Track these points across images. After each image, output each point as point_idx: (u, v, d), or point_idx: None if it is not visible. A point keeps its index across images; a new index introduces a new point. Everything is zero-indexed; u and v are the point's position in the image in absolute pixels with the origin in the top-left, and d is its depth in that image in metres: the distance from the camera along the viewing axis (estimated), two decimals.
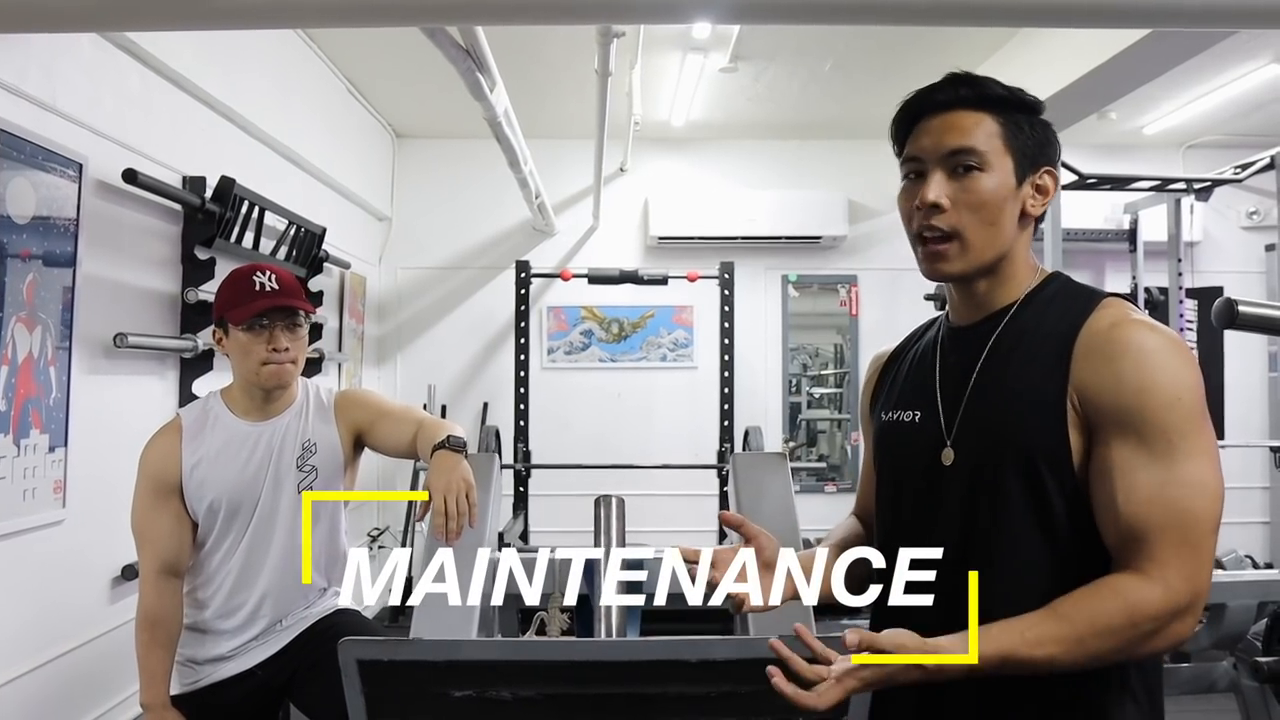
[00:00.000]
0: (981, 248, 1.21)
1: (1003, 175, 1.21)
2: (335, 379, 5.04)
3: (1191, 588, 1.08)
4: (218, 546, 2.09)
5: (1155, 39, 3.37)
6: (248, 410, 2.13)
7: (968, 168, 1.20)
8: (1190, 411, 1.11)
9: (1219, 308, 1.79)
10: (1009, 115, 1.22)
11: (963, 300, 1.29)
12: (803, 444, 6.44)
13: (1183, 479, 1.09)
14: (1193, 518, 1.09)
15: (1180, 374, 1.12)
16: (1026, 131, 1.22)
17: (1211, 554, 1.11)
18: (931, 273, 1.24)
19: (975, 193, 1.20)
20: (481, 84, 2.98)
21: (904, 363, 1.39)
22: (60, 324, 2.54)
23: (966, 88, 1.23)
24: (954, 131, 1.21)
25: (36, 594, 2.50)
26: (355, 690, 1.21)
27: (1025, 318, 1.23)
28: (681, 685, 1.20)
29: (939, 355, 1.31)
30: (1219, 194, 5.64)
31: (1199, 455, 1.10)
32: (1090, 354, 1.14)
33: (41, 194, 2.44)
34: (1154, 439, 1.10)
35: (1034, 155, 1.23)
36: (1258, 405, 5.97)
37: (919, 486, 1.27)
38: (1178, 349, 1.14)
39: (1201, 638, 2.43)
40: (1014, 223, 1.23)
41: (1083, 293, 1.24)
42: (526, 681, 1.20)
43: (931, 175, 1.21)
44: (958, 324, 1.30)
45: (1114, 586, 1.10)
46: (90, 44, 2.69)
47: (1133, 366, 1.11)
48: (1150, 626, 1.08)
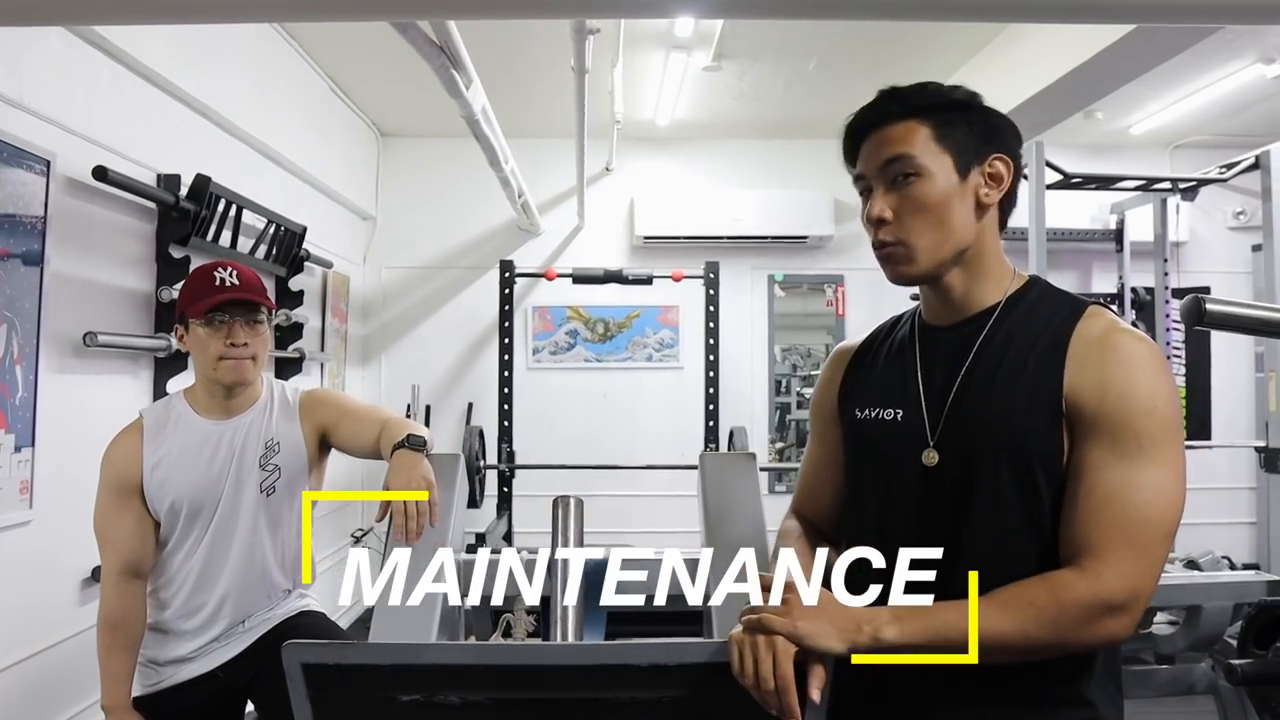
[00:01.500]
0: (932, 248, 1.24)
1: (942, 175, 1.23)
2: (318, 379, 5.01)
3: (1128, 585, 1.11)
4: (179, 546, 2.06)
5: (1138, 36, 3.35)
6: (210, 409, 2.10)
7: (905, 175, 1.24)
8: (1164, 421, 1.14)
9: (1186, 305, 1.79)
10: (939, 116, 1.25)
11: (938, 299, 1.30)
12: (791, 444, 6.42)
13: (1144, 482, 1.12)
14: (1143, 520, 1.12)
15: (1160, 385, 1.16)
16: (963, 126, 1.25)
17: (1159, 559, 1.13)
18: (894, 278, 1.29)
19: (914, 199, 1.24)
20: (457, 81, 2.96)
21: (876, 358, 1.39)
22: (28, 322, 2.51)
23: (894, 101, 1.27)
24: (887, 144, 1.25)
25: (3, 596, 2.47)
26: (300, 694, 1.18)
27: (1010, 322, 1.25)
28: (633, 690, 1.17)
29: (919, 354, 1.31)
30: (1205, 194, 5.64)
31: (1165, 464, 1.13)
32: (1083, 359, 1.17)
33: (7, 190, 2.41)
34: (1125, 442, 1.13)
35: (977, 146, 1.25)
36: (1244, 406, 5.97)
37: (901, 486, 1.27)
38: (1161, 360, 1.19)
39: (1178, 639, 2.42)
40: (968, 217, 1.25)
41: (1066, 299, 1.27)
42: (474, 686, 1.18)
43: (875, 191, 1.26)
44: (935, 323, 1.31)
45: (1046, 575, 1.14)
46: (59, 38, 2.66)
47: (1121, 372, 1.15)
48: (1077, 613, 1.10)
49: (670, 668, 1.16)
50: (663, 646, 1.16)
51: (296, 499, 2.15)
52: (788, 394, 6.43)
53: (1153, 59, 3.71)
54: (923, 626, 1.12)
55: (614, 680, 1.17)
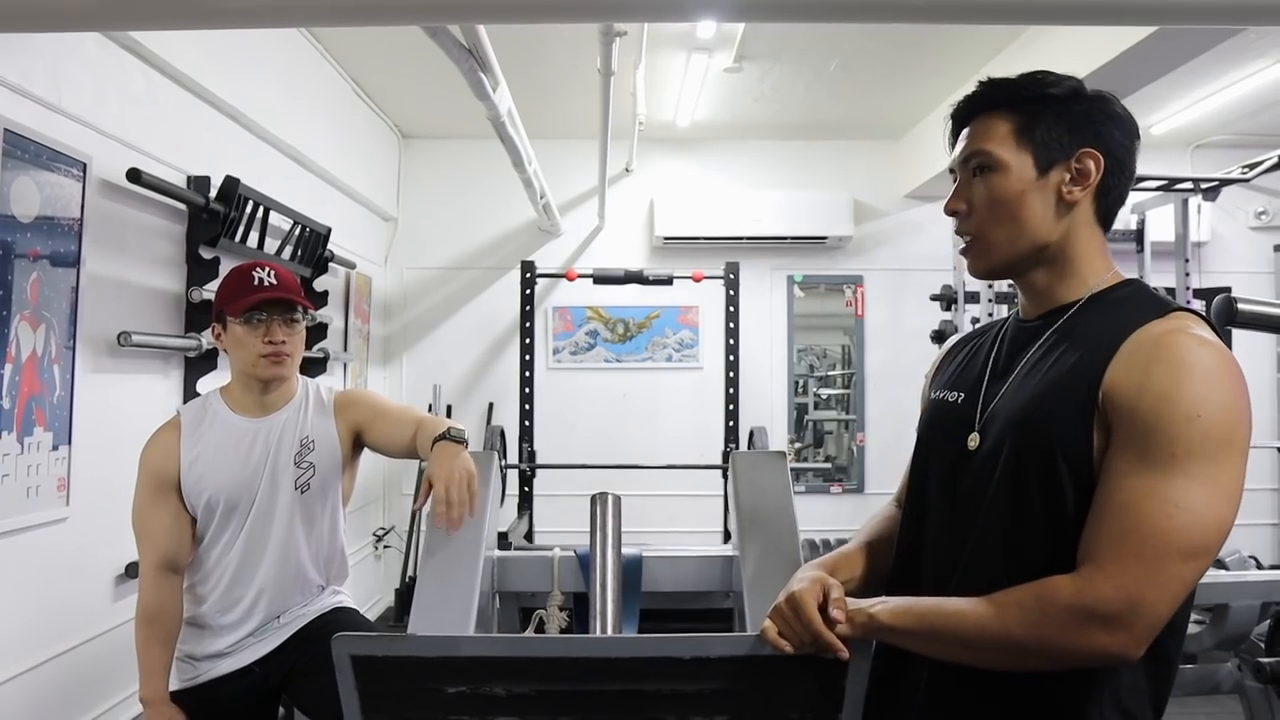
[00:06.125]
0: (1005, 244, 1.24)
1: (1019, 170, 1.22)
2: (341, 379, 5.05)
3: (1123, 597, 1.03)
4: (215, 541, 2.10)
5: (1160, 37, 3.35)
6: (246, 407, 2.14)
7: (981, 169, 1.24)
8: (1207, 433, 1.05)
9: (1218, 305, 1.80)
10: (1027, 109, 1.23)
11: (1025, 294, 1.30)
12: (809, 445, 6.43)
13: (1169, 495, 1.04)
14: (1157, 531, 1.04)
15: (1211, 394, 1.06)
16: (1050, 120, 1.22)
17: (1173, 577, 1.04)
18: (971, 270, 1.31)
19: (987, 192, 1.24)
20: (484, 83, 2.98)
21: (967, 347, 1.40)
22: (65, 322, 2.55)
23: (986, 92, 1.26)
24: (971, 138, 1.26)
25: (40, 591, 2.51)
26: (349, 686, 1.21)
27: (1086, 316, 1.21)
28: (675, 682, 1.19)
29: (998, 344, 1.31)
30: (1227, 194, 5.60)
31: (1202, 480, 1.04)
32: (1131, 356, 1.11)
33: (46, 193, 2.45)
34: (1157, 450, 1.05)
35: (1063, 141, 1.21)
36: (1266, 406, 5.94)
37: (944, 469, 1.28)
38: (1222, 371, 1.08)
39: (1204, 638, 2.42)
40: (1046, 214, 1.22)
41: (1155, 301, 1.20)
42: (519, 678, 1.20)
43: (957, 184, 1.28)
44: (1023, 316, 1.31)
45: (1043, 579, 1.09)
46: (95, 44, 2.70)
47: (1165, 374, 1.07)
48: (1060, 617, 1.05)
49: (712, 660, 1.18)
50: (705, 640, 1.18)
51: (330, 496, 2.18)
52: (805, 394, 6.44)
53: (1174, 60, 3.70)
54: (915, 615, 1.14)
55: (657, 672, 1.19)
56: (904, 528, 1.35)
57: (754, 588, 1.72)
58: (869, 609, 1.16)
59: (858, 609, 1.16)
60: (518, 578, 1.96)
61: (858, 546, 1.39)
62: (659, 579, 1.94)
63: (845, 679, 1.17)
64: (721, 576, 2.00)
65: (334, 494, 2.19)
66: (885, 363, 6.17)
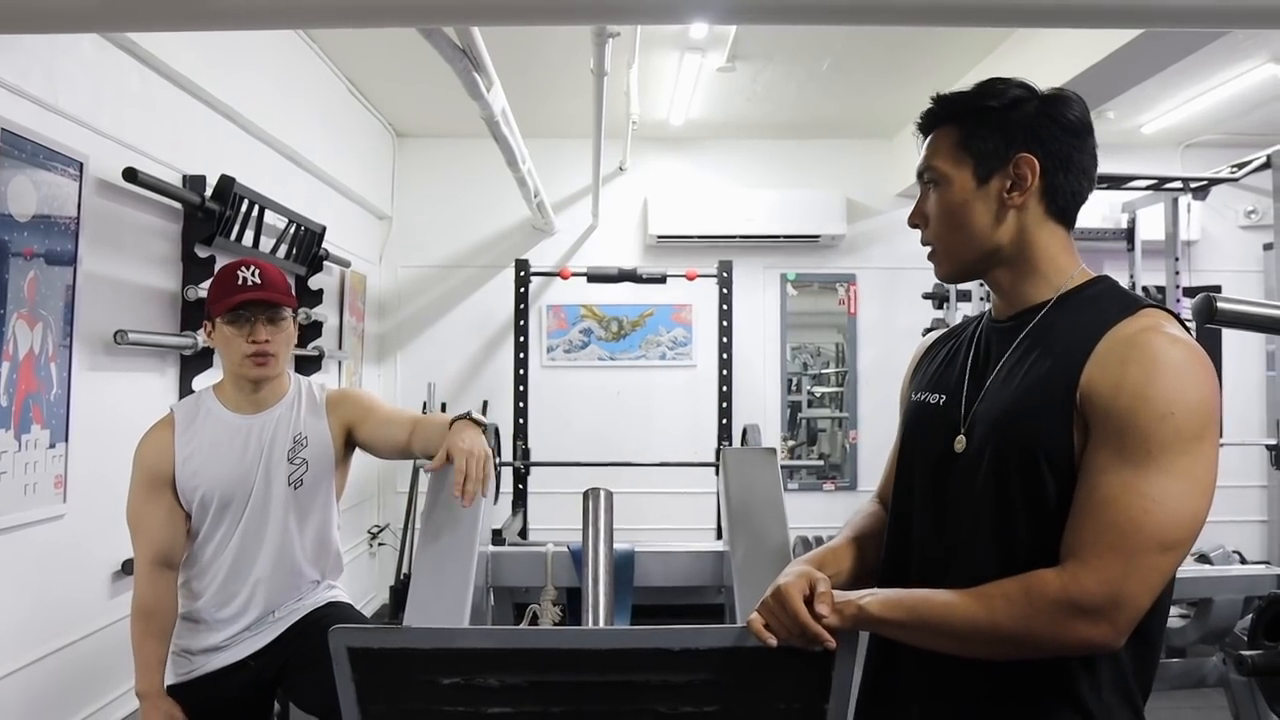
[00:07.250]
0: (958, 250, 1.30)
1: (960, 181, 1.27)
2: (335, 377, 5.07)
3: (1105, 590, 1.07)
4: (210, 538, 2.12)
5: (1148, 39, 3.38)
6: (238, 404, 2.16)
7: (932, 183, 1.30)
8: (1180, 429, 1.08)
9: (1198, 304, 1.83)
10: (969, 120, 1.28)
11: (994, 294, 1.33)
12: (802, 442, 6.46)
13: (1145, 490, 1.08)
14: (1136, 527, 1.08)
15: (1185, 391, 1.10)
16: (984, 131, 1.26)
17: (1153, 569, 1.09)
18: (938, 276, 1.37)
19: (937, 204, 1.30)
20: (478, 83, 3.00)
21: (944, 348, 1.42)
22: (61, 321, 2.57)
23: (933, 108, 1.32)
24: (925, 153, 1.31)
25: (37, 588, 2.53)
26: (345, 677, 1.23)
27: (1059, 316, 1.24)
28: (664, 673, 1.22)
29: (974, 345, 1.34)
30: (1217, 193, 5.64)
31: (1177, 474, 1.08)
32: (1106, 356, 1.13)
33: (43, 192, 2.47)
34: (1134, 446, 1.09)
35: (999, 150, 1.24)
36: (1256, 404, 5.97)
37: (930, 470, 1.31)
38: (1196, 366, 1.11)
39: (1189, 632, 2.45)
40: (988, 220, 1.26)
41: (1125, 298, 1.22)
42: (513, 669, 1.23)
43: (918, 197, 1.34)
44: (995, 316, 1.34)
45: (1029, 573, 1.13)
46: (91, 44, 2.72)
47: (1139, 372, 1.10)
48: (1046, 609, 1.09)
49: (701, 652, 1.21)
50: (694, 631, 1.21)
51: (323, 492, 2.20)
52: (799, 392, 6.47)
53: (1162, 61, 3.74)
54: (904, 606, 1.18)
55: (647, 663, 1.22)
56: (890, 527, 1.38)
57: (744, 582, 1.74)
58: (858, 601, 1.19)
59: (846, 600, 1.19)
60: (512, 572, 1.99)
61: (844, 541, 1.42)
62: (650, 574, 1.96)
63: (832, 669, 1.20)
64: (712, 571, 2.03)
65: (327, 490, 2.21)
66: (878, 360, 6.20)
